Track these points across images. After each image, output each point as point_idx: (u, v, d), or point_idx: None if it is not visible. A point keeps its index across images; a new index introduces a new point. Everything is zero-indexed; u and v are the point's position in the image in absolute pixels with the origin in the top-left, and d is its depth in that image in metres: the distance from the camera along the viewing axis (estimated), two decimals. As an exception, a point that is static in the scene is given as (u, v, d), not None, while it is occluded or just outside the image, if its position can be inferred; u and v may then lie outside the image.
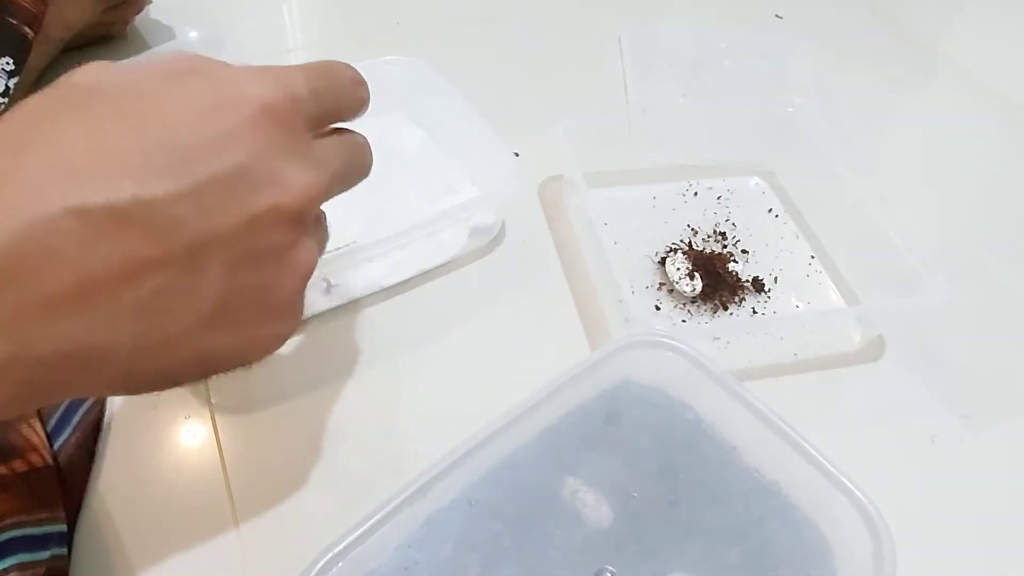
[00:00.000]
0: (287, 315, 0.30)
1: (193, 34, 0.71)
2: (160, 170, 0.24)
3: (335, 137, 0.33)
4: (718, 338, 0.49)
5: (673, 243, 0.55)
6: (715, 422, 0.40)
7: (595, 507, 0.38)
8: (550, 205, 0.58)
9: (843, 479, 0.36)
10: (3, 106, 0.49)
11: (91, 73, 0.27)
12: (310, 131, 0.30)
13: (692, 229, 0.57)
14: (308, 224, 0.30)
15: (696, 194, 0.60)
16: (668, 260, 0.52)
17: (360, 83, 0.34)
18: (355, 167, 0.35)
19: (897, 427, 0.48)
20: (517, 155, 0.58)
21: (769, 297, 0.53)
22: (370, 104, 0.60)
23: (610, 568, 0.36)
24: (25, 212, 0.22)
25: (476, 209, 0.52)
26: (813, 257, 0.57)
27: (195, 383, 0.29)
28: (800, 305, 0.53)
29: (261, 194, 0.27)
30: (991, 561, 0.43)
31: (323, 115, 0.32)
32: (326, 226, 0.35)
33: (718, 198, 0.60)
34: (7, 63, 0.49)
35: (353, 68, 0.34)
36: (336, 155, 0.32)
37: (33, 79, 0.59)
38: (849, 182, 0.56)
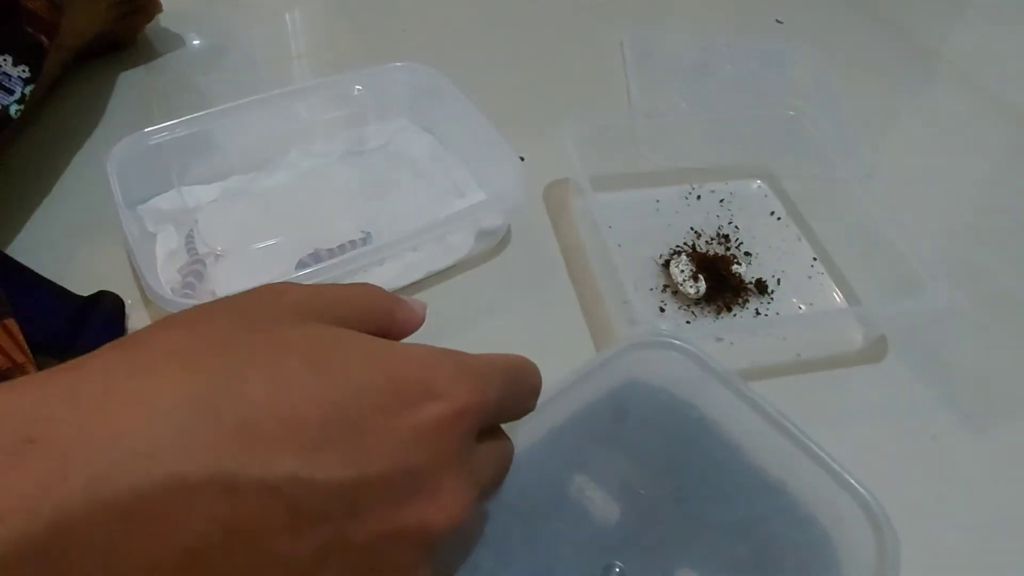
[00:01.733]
0: None
1: (196, 41, 0.72)
2: (333, 449, 0.21)
3: (492, 443, 0.28)
4: (722, 339, 0.50)
5: (677, 246, 0.56)
6: (720, 421, 0.41)
7: (603, 504, 0.39)
8: (555, 208, 0.59)
9: (847, 476, 0.37)
10: (19, 112, 0.50)
11: (293, 296, 0.24)
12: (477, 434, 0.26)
13: (695, 232, 0.58)
14: (442, 550, 0.25)
15: (699, 197, 0.61)
16: (672, 262, 0.53)
17: (536, 393, 0.30)
18: (497, 481, 0.29)
19: (899, 426, 0.48)
20: (523, 159, 0.59)
21: (772, 298, 0.54)
22: (380, 111, 0.61)
23: (618, 563, 0.37)
24: (164, 465, 0.19)
25: (483, 212, 0.52)
26: (815, 259, 0.57)
27: None
28: (803, 306, 0.54)
29: (417, 506, 0.23)
30: (992, 558, 0.43)
31: (496, 420, 0.28)
32: (463, 553, 0.29)
33: (721, 201, 0.61)
34: (23, 71, 0.50)
35: (539, 376, 0.30)
36: (489, 466, 0.27)
37: (48, 86, 0.60)
38: (851, 185, 0.56)
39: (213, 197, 0.55)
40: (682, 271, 0.51)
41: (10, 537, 0.17)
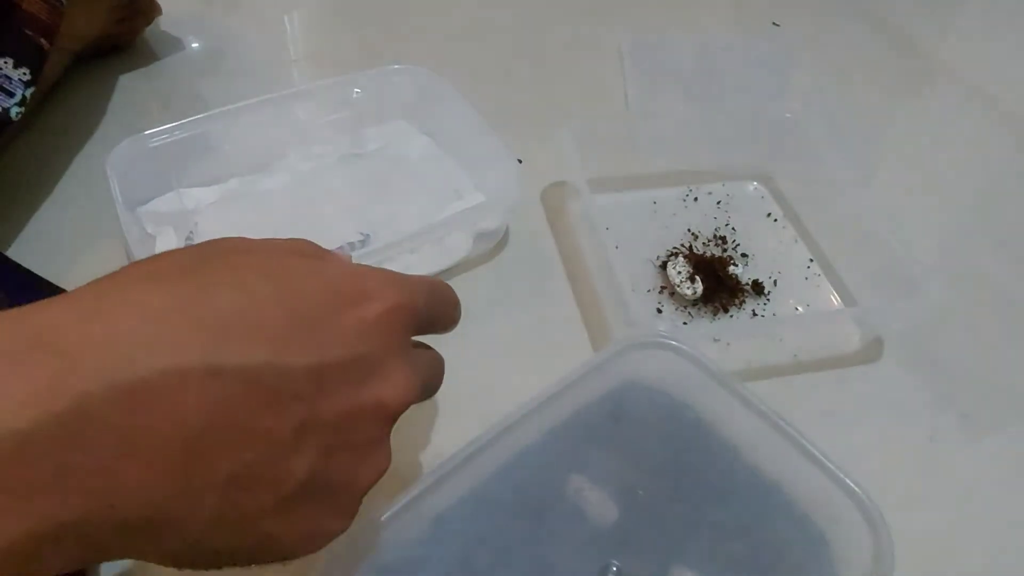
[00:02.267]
0: (347, 513, 0.29)
1: (195, 44, 0.73)
2: (296, 342, 0.25)
3: (424, 350, 0.34)
4: (719, 339, 0.51)
5: (674, 247, 0.56)
6: (716, 421, 0.41)
7: (600, 504, 0.39)
8: (553, 210, 0.59)
9: (843, 476, 0.37)
10: (20, 115, 0.50)
11: (238, 240, 0.29)
12: (416, 333, 0.31)
13: (692, 233, 0.58)
14: (390, 427, 0.30)
15: (696, 199, 0.61)
16: (669, 264, 0.53)
17: (457, 305, 0.35)
18: (435, 381, 0.34)
19: (897, 426, 0.49)
20: (520, 162, 0.59)
21: (769, 299, 0.54)
22: (378, 114, 0.62)
23: (615, 562, 0.37)
24: (160, 357, 0.22)
25: (481, 214, 0.53)
26: (812, 260, 0.58)
27: (237, 567, 0.27)
28: (799, 307, 0.54)
29: (372, 387, 0.27)
30: (989, 558, 0.44)
31: (426, 327, 0.32)
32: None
33: (718, 203, 0.61)
34: (24, 73, 0.50)
35: (454, 291, 0.35)
36: (425, 367, 0.33)
37: (48, 88, 0.61)
38: (847, 187, 0.57)
39: (212, 199, 0.56)
40: (679, 272, 0.52)
41: (38, 417, 0.20)
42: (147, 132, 0.52)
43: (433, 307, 0.32)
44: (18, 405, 0.20)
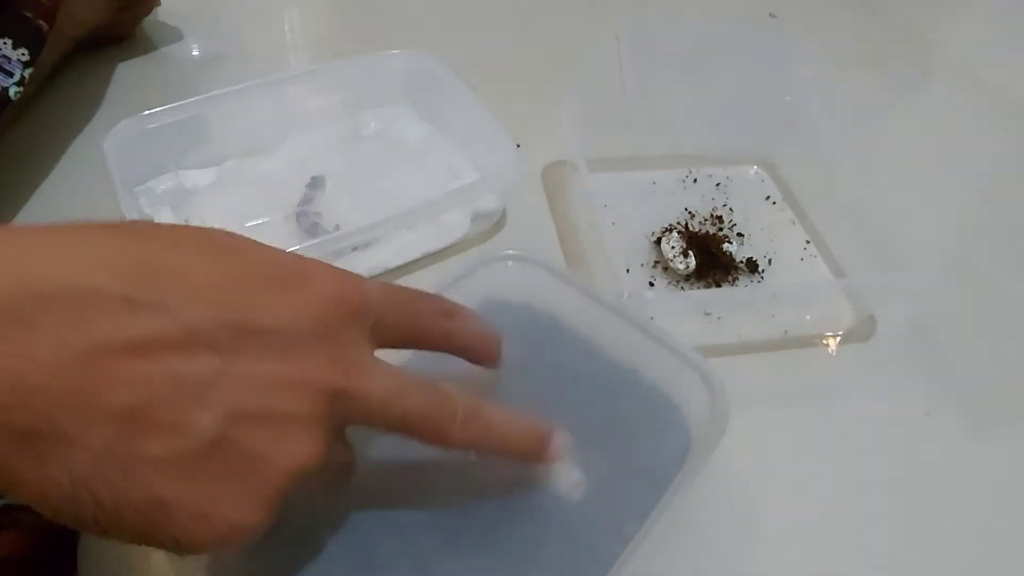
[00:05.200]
0: (256, 501, 0.25)
1: (194, 34, 0.73)
2: (223, 300, 0.25)
3: (388, 366, 0.30)
4: (709, 313, 0.51)
5: (669, 224, 0.56)
6: (571, 320, 0.42)
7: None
8: (552, 190, 0.60)
9: (683, 351, 0.39)
10: (18, 95, 0.51)
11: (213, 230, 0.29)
12: (372, 339, 0.29)
13: (689, 212, 0.58)
14: (327, 422, 0.27)
15: (695, 180, 0.62)
16: (664, 239, 0.53)
17: (449, 314, 0.33)
18: (401, 406, 0.29)
19: (891, 402, 0.48)
20: (519, 146, 0.59)
21: (763, 277, 0.54)
22: (377, 98, 0.62)
23: None
24: (82, 278, 0.23)
25: (479, 193, 0.53)
26: (808, 242, 0.58)
27: (119, 538, 0.25)
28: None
29: (301, 364, 0.26)
30: (987, 534, 0.43)
31: (392, 328, 0.30)
32: (344, 455, 0.32)
33: (717, 185, 0.61)
34: (22, 54, 0.51)
35: (446, 301, 0.33)
36: (381, 376, 0.29)
37: (47, 73, 0.61)
38: (847, 172, 0.57)
39: (210, 181, 0.56)
40: (672, 247, 0.52)
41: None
42: (145, 113, 0.52)
43: (396, 309, 0.31)
44: None
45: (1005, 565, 0.42)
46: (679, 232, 0.54)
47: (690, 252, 0.52)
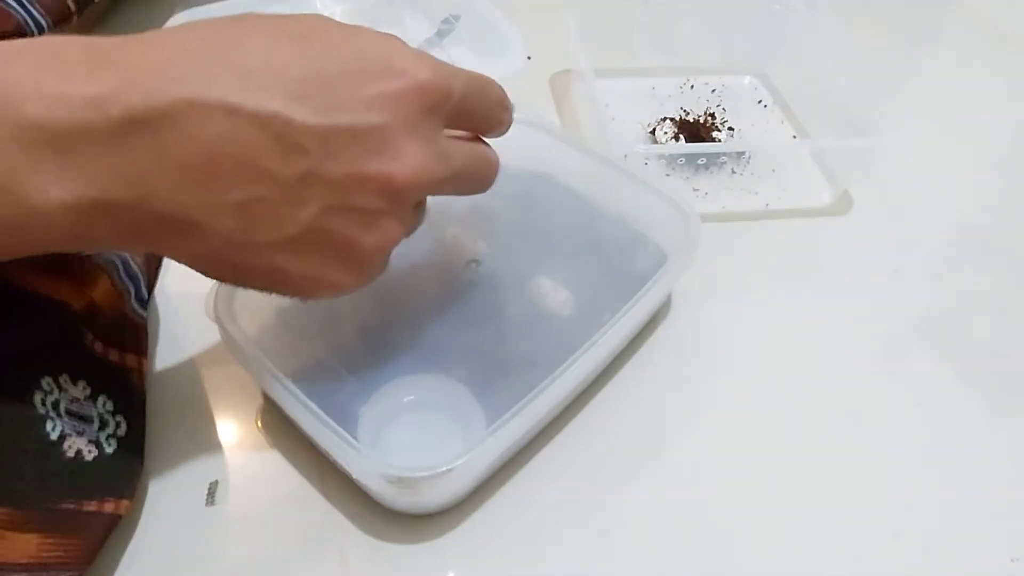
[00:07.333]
0: (354, 271, 0.32)
1: None
2: (308, 101, 0.27)
3: (467, 142, 0.36)
4: (697, 189, 0.57)
5: (664, 116, 0.62)
6: (566, 168, 0.48)
7: (467, 232, 0.46)
8: (559, 95, 0.65)
9: (660, 189, 0.46)
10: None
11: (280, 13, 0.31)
12: (444, 126, 0.33)
13: (684, 111, 0.64)
14: (405, 204, 0.31)
15: (692, 87, 0.67)
16: (658, 128, 0.59)
17: (506, 108, 0.37)
18: (473, 174, 0.36)
19: (861, 267, 0.53)
20: (529, 58, 0.65)
21: (748, 162, 0.60)
22: (387, 6, 0.66)
23: (477, 258, 0.45)
24: (189, 88, 0.26)
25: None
26: (795, 136, 0.63)
27: (257, 290, 0.33)
28: (776, 170, 0.60)
29: (379, 159, 0.29)
30: (949, 383, 0.47)
31: (463, 118, 0.34)
32: (422, 215, 0.37)
33: (712, 91, 0.67)
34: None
35: (503, 91, 0.37)
36: (460, 156, 0.34)
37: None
38: (841, 86, 0.61)
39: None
40: (665, 133, 0.58)
41: (98, 115, 0.25)
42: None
43: (472, 98, 0.33)
44: (87, 101, 0.25)
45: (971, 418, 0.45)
46: (672, 120, 0.60)
47: (681, 136, 0.58)
